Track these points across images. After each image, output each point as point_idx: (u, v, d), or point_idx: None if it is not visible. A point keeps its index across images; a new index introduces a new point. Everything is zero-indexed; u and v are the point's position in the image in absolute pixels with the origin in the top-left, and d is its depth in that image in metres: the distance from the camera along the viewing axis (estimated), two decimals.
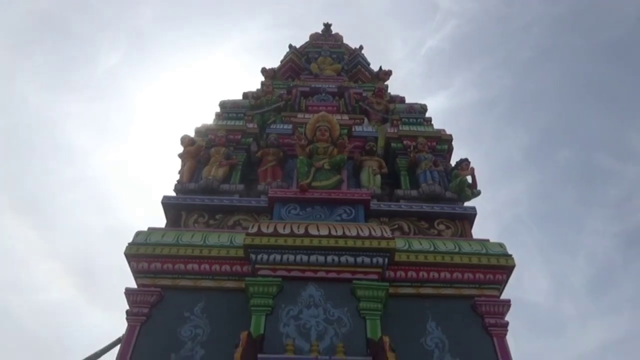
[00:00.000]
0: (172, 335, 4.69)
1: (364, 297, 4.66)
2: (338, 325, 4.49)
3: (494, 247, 5.26)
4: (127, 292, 5.02)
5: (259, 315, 4.58)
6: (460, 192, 6.07)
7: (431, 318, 4.77)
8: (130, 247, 5.27)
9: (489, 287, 5.00)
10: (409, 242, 5.26)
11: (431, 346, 4.58)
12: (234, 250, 5.17)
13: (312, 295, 4.74)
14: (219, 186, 6.20)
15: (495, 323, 4.71)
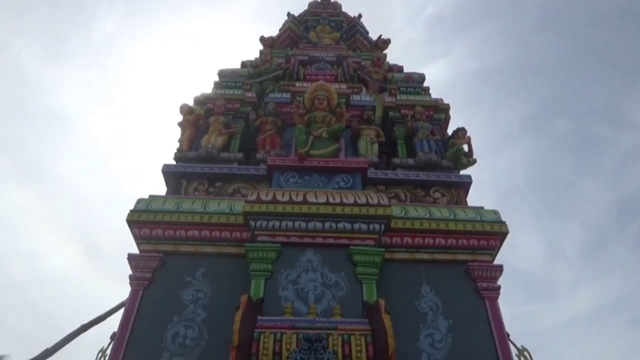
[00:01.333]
0: (175, 299, 4.84)
1: (361, 262, 4.79)
2: (335, 289, 4.64)
3: (488, 214, 5.38)
4: (129, 257, 5.16)
5: (259, 280, 4.72)
6: (456, 161, 6.14)
7: (425, 282, 4.92)
8: (132, 213, 5.37)
9: (483, 253, 5.13)
10: (405, 209, 5.37)
11: (425, 309, 4.74)
12: (234, 217, 5.28)
13: (310, 260, 4.87)
14: (219, 154, 6.27)
15: (488, 287, 4.87)
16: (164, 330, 4.60)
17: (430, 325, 4.62)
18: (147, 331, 4.61)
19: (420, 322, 4.62)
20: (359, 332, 3.94)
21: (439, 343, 4.48)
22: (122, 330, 4.64)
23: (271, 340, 3.91)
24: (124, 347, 4.52)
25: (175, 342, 4.52)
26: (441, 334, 4.54)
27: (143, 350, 4.48)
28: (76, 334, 6.44)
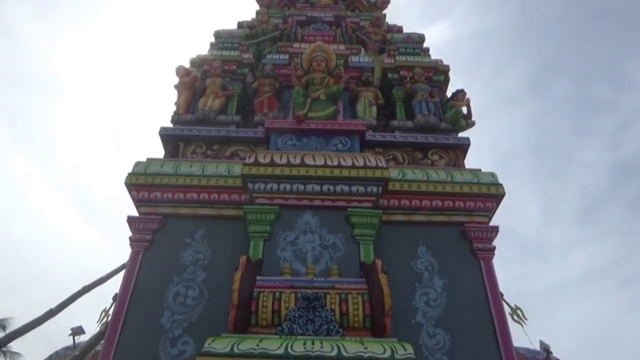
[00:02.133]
0: (175, 260, 4.92)
1: (358, 224, 4.84)
2: (333, 250, 4.71)
3: (485, 176, 5.40)
4: (129, 220, 5.20)
5: (257, 241, 4.78)
6: (455, 123, 6.12)
7: (422, 243, 5.00)
8: (130, 176, 5.38)
9: (479, 214, 5.19)
10: (402, 172, 5.38)
11: (421, 269, 4.83)
12: (232, 179, 5.29)
13: (308, 222, 4.92)
14: (216, 117, 6.22)
15: (483, 247, 4.95)
16: (164, 290, 4.70)
17: (425, 284, 4.72)
18: (148, 291, 4.71)
19: (416, 282, 4.72)
20: (356, 291, 4.03)
21: (434, 301, 4.60)
22: (124, 291, 4.73)
23: (270, 299, 4.00)
24: (126, 307, 4.62)
25: (177, 302, 4.63)
26: (436, 293, 4.65)
27: (145, 310, 4.59)
28: (78, 295, 6.57)
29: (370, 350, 3.51)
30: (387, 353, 3.48)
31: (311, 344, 3.58)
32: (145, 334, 4.43)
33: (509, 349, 4.41)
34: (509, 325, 4.64)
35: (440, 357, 4.25)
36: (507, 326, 4.56)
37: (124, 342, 4.41)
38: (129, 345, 4.38)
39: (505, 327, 4.53)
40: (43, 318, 6.02)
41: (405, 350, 3.52)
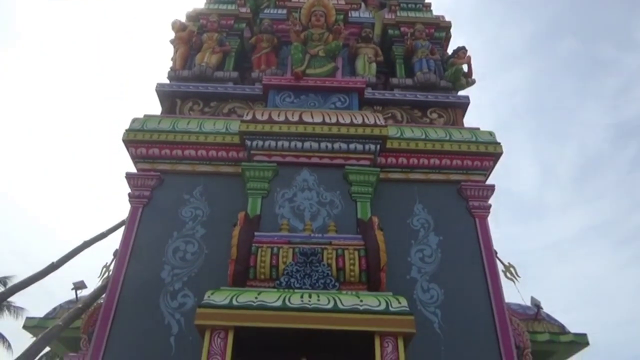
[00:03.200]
0: (174, 216, 4.97)
1: (356, 182, 4.87)
2: (330, 207, 4.75)
3: (483, 135, 5.39)
4: (127, 176, 5.22)
5: (255, 198, 4.82)
6: (455, 81, 6.05)
7: (418, 201, 5.04)
8: (128, 133, 5.36)
9: (476, 173, 5.21)
10: (401, 130, 5.37)
11: (417, 226, 4.90)
12: (230, 136, 5.28)
13: (306, 179, 4.94)
14: (213, 73, 6.13)
15: (479, 205, 5.00)
16: (164, 246, 4.77)
17: (421, 241, 4.79)
18: (148, 246, 4.78)
19: (411, 239, 4.79)
20: (353, 247, 4.10)
21: (428, 258, 4.68)
22: (124, 246, 4.80)
23: (268, 254, 4.07)
24: (127, 261, 4.71)
25: (176, 257, 4.71)
26: (431, 250, 4.73)
27: (145, 264, 4.67)
28: (79, 249, 6.64)
29: (366, 303, 3.60)
30: (382, 306, 3.57)
31: (308, 297, 3.67)
32: (146, 287, 4.53)
33: (501, 304, 4.52)
34: (502, 282, 4.75)
35: (433, 310, 4.38)
36: (499, 282, 4.66)
37: (126, 295, 4.51)
38: (130, 298, 4.48)
39: (497, 283, 4.63)
40: (45, 272, 6.10)
41: (399, 303, 3.61)
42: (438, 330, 4.29)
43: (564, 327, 6.29)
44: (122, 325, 4.34)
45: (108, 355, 4.19)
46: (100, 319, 4.41)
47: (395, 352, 3.42)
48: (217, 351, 3.43)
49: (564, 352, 6.12)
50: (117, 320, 4.37)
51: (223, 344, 3.46)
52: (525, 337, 4.88)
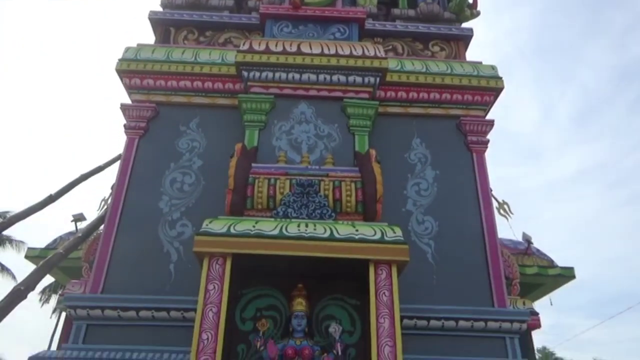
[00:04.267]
0: (170, 147, 4.94)
1: (354, 115, 4.81)
2: (328, 140, 4.72)
3: (485, 69, 5.27)
4: (122, 107, 5.13)
5: (252, 130, 4.77)
6: (459, 12, 5.83)
7: (416, 135, 5.01)
8: (121, 63, 5.21)
9: (476, 108, 5.15)
10: (401, 63, 5.24)
11: (414, 160, 4.90)
12: (226, 67, 5.15)
13: (304, 112, 4.88)
14: (208, 1, 5.89)
15: (477, 141, 4.98)
16: (161, 177, 4.78)
17: (418, 175, 4.81)
18: (145, 177, 4.79)
19: (408, 172, 4.81)
20: (350, 179, 4.11)
21: (424, 191, 4.72)
22: (121, 176, 4.81)
23: (265, 185, 4.09)
24: (124, 191, 4.73)
25: (174, 187, 4.73)
26: (428, 183, 4.77)
27: (143, 194, 4.70)
28: (76, 182, 6.66)
29: (361, 232, 3.66)
30: (377, 235, 3.63)
31: (305, 226, 3.72)
32: (145, 217, 4.58)
33: (493, 237, 4.62)
34: (495, 217, 4.82)
35: (427, 241, 4.47)
36: (493, 216, 4.73)
37: (125, 225, 4.57)
38: (129, 227, 4.55)
39: (491, 217, 4.71)
40: (43, 204, 6.15)
41: (394, 232, 3.67)
42: (431, 260, 4.40)
43: (552, 262, 6.48)
44: (122, 253, 4.43)
45: (109, 281, 4.31)
46: (100, 247, 4.49)
47: (388, 279, 3.52)
48: (215, 277, 3.52)
49: (551, 285, 6.35)
50: (117, 248, 4.46)
51: (221, 270, 3.54)
52: (515, 268, 5.03)
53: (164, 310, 4.03)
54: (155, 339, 3.94)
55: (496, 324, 4.03)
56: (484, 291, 4.30)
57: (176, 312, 4.02)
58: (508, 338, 4.04)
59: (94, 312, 4.05)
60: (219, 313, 3.39)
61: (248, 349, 3.78)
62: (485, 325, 4.03)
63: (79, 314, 4.08)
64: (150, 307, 4.04)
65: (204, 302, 3.43)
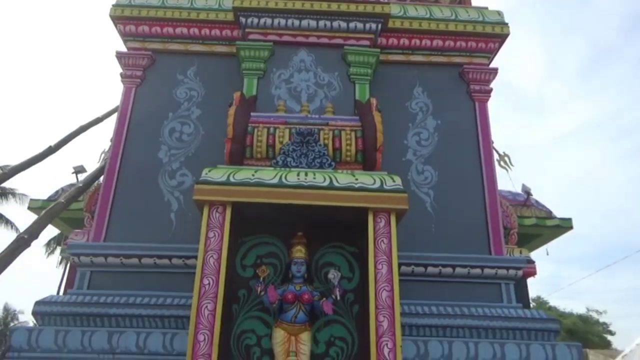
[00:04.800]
0: (168, 97, 4.87)
1: (355, 63, 4.71)
2: (328, 89, 4.64)
3: (491, 14, 5.10)
4: (118, 55, 5.02)
5: (251, 79, 4.69)
6: None
7: (418, 84, 4.92)
8: (115, 9, 5.06)
9: (480, 55, 5.02)
10: (404, 8, 5.07)
11: (415, 109, 4.83)
12: (223, 13, 4.99)
13: (303, 60, 4.77)
14: None
15: (480, 89, 4.89)
16: (160, 126, 4.74)
17: (419, 124, 4.76)
18: (144, 127, 4.75)
19: (409, 122, 4.76)
20: (350, 128, 4.06)
21: (425, 141, 4.69)
22: (119, 127, 4.76)
23: (265, 134, 4.05)
24: (123, 141, 4.70)
25: (172, 137, 4.70)
26: (428, 133, 4.72)
27: (142, 144, 4.68)
28: (75, 133, 6.62)
29: (361, 181, 3.65)
30: (377, 184, 3.63)
31: (304, 175, 3.71)
32: (144, 166, 4.57)
33: (493, 187, 4.62)
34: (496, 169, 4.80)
35: (426, 191, 4.48)
36: (493, 166, 4.71)
37: (124, 175, 4.57)
38: (129, 177, 4.55)
39: (491, 167, 4.69)
40: (43, 155, 6.13)
41: (393, 181, 3.66)
42: (430, 209, 4.42)
43: (551, 213, 6.53)
44: (123, 203, 4.45)
45: (111, 230, 4.36)
46: (101, 197, 4.51)
47: (387, 227, 3.55)
48: (215, 224, 3.54)
49: (549, 235, 6.42)
50: (118, 197, 4.48)
51: (221, 218, 3.56)
52: (513, 218, 5.07)
53: (165, 258, 4.10)
54: (158, 285, 4.02)
55: (492, 271, 4.10)
56: (482, 240, 4.34)
57: (178, 260, 4.08)
58: (503, 284, 4.12)
59: (97, 259, 4.12)
60: (219, 259, 3.44)
61: (249, 295, 3.86)
62: (482, 271, 4.10)
63: (82, 261, 4.14)
64: (152, 255, 4.10)
65: (204, 249, 3.48)
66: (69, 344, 3.62)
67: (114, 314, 3.81)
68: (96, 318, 3.81)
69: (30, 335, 3.65)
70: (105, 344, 3.63)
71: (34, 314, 3.87)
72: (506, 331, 3.78)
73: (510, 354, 3.61)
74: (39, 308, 3.85)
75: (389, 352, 3.20)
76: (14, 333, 3.66)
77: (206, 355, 3.20)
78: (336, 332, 3.76)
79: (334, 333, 3.76)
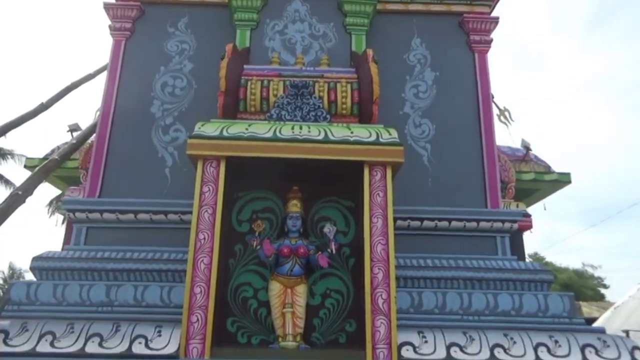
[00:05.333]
0: (159, 50, 4.73)
1: (351, 12, 4.55)
2: (323, 40, 4.51)
3: None
4: (105, 6, 4.85)
5: (244, 30, 4.55)
6: None
7: (417, 35, 4.77)
8: None
9: (480, 4, 4.82)
10: None
11: (413, 61, 4.70)
12: None
13: (298, 10, 4.61)
14: None
15: (480, 40, 4.74)
16: (152, 81, 4.63)
17: (417, 77, 4.64)
18: (135, 81, 4.64)
19: (407, 74, 4.64)
20: (345, 80, 3.97)
21: (423, 94, 4.58)
22: (110, 81, 4.65)
23: (258, 87, 3.96)
24: (114, 96, 4.60)
25: (165, 92, 4.60)
26: (427, 85, 4.61)
27: (134, 99, 4.58)
28: (67, 90, 6.50)
29: (356, 134, 3.59)
30: (373, 137, 3.57)
31: (299, 129, 3.65)
32: (137, 122, 4.50)
33: (491, 141, 4.55)
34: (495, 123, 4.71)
35: (423, 145, 4.42)
36: (492, 120, 4.63)
37: (117, 130, 4.51)
38: (122, 133, 4.49)
39: (490, 121, 4.60)
40: (35, 112, 6.04)
41: (390, 134, 3.60)
42: (427, 163, 4.38)
43: (549, 167, 6.49)
44: (117, 159, 4.40)
45: (106, 186, 4.33)
46: (94, 153, 4.46)
47: (383, 180, 3.51)
48: (210, 179, 3.52)
49: (547, 190, 6.40)
50: (112, 153, 4.43)
51: (215, 173, 3.53)
52: (511, 172, 5.04)
53: (161, 214, 4.09)
54: (154, 240, 4.03)
55: (488, 224, 4.10)
56: (479, 193, 4.32)
57: (174, 215, 4.08)
58: (499, 237, 4.13)
59: (93, 215, 4.11)
60: (214, 214, 3.43)
61: (245, 249, 3.87)
62: (478, 225, 4.10)
63: (78, 217, 4.14)
64: (148, 211, 4.09)
65: (199, 204, 3.46)
66: (68, 297, 3.67)
67: (112, 269, 3.84)
68: (94, 272, 3.84)
69: (29, 289, 3.69)
70: (104, 297, 3.67)
71: (31, 269, 3.90)
72: (500, 282, 3.82)
73: (503, 304, 3.66)
74: (36, 263, 3.87)
75: (383, 303, 3.24)
76: (13, 287, 3.70)
77: (203, 307, 3.24)
78: (332, 284, 3.80)
79: (329, 286, 3.80)
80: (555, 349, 3.23)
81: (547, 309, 3.67)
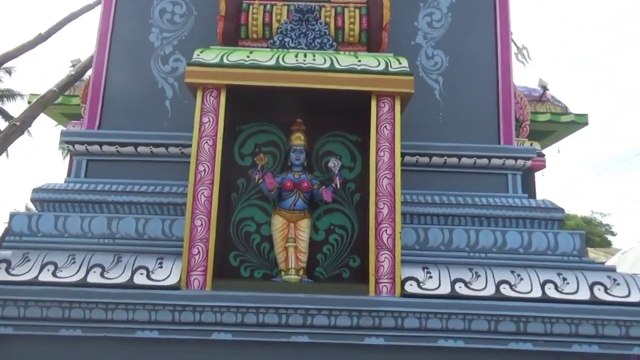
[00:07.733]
0: None
1: None
2: None
3: None
4: None
5: None
6: None
7: None
8: None
9: None
10: None
11: None
12: None
13: None
14: None
15: None
16: (149, 7, 4.37)
17: (431, 4, 4.32)
18: (132, 8, 4.39)
19: (420, 2, 4.32)
20: (354, 4, 3.70)
21: (437, 22, 4.29)
22: (106, 8, 4.41)
23: (260, 12, 3.71)
24: (111, 24, 4.37)
25: (163, 19, 4.35)
26: (441, 14, 4.30)
27: (131, 27, 4.35)
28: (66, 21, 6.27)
29: (364, 63, 3.39)
30: (381, 66, 3.37)
31: (303, 57, 3.44)
32: (135, 51, 4.29)
33: (507, 76, 4.30)
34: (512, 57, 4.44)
35: (435, 77, 4.19)
36: (509, 52, 4.35)
37: (115, 61, 4.31)
38: (120, 63, 4.30)
39: (507, 53, 4.32)
40: (33, 42, 5.86)
41: (399, 63, 3.39)
42: (438, 97, 4.16)
43: (566, 108, 6.24)
44: (115, 90, 4.23)
45: (105, 118, 4.20)
46: (92, 84, 4.30)
47: (391, 112, 3.34)
48: (209, 109, 3.37)
49: (563, 132, 6.18)
50: (110, 85, 4.25)
51: (216, 102, 3.37)
52: (526, 110, 4.82)
53: (162, 146, 3.97)
54: (155, 173, 3.93)
55: (499, 161, 3.93)
56: (492, 130, 4.13)
57: (174, 148, 3.96)
58: (510, 174, 3.97)
59: (92, 147, 4.00)
60: (214, 145, 3.31)
61: (248, 183, 3.79)
62: (489, 162, 3.94)
63: (77, 149, 4.04)
64: (148, 143, 3.97)
65: (199, 135, 3.33)
66: (69, 229, 3.63)
67: (112, 201, 3.78)
68: (95, 205, 3.78)
69: (30, 220, 3.65)
70: (105, 229, 3.63)
71: (32, 201, 3.85)
72: (509, 220, 3.70)
73: (511, 242, 3.57)
74: (37, 195, 3.82)
75: (388, 238, 3.16)
76: (14, 218, 3.66)
77: (204, 240, 3.19)
78: (336, 220, 3.73)
79: (333, 221, 3.73)
80: (563, 286, 3.16)
81: (557, 246, 3.57)
